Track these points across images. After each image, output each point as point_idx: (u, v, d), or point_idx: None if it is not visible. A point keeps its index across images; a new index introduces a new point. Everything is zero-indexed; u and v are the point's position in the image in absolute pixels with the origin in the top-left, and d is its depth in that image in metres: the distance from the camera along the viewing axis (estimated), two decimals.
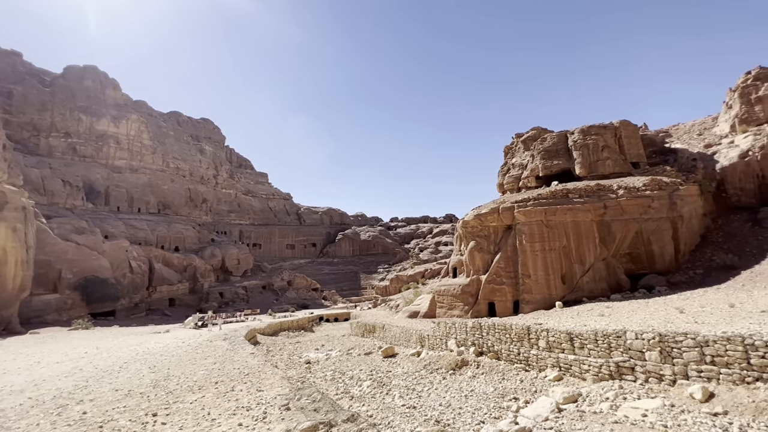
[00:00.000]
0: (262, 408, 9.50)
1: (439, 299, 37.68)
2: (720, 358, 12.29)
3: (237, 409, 9.72)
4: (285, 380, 12.32)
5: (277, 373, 13.54)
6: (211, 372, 14.54)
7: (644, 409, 11.85)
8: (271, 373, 13.57)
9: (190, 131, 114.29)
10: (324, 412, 7.96)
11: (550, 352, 17.45)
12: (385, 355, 27.16)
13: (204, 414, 9.65)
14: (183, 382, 12.87)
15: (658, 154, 42.76)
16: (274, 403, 9.67)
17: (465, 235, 37.58)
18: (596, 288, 30.36)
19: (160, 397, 11.24)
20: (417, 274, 70.39)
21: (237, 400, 10.44)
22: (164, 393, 11.63)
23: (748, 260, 26.81)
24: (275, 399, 9.99)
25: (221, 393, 11.42)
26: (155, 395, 11.41)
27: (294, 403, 9.23)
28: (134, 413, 9.75)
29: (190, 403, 10.42)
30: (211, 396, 11.09)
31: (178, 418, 9.27)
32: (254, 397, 10.55)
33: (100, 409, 10.06)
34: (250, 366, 15.33)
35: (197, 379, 13.25)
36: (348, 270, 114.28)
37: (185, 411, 9.79)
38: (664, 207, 30.86)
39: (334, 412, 8.02)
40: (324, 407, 8.43)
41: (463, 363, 20.39)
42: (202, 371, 14.72)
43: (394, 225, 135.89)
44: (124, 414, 9.70)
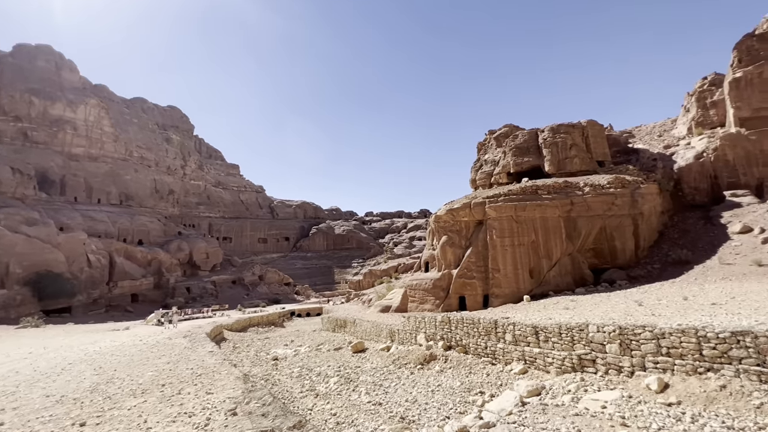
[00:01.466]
0: (206, 413, 8.84)
1: (411, 293, 37.65)
2: (675, 350, 12.67)
3: (179, 415, 9.03)
4: (240, 381, 11.66)
5: (233, 373, 12.85)
6: (161, 373, 13.63)
7: (604, 401, 12.04)
8: (227, 373, 12.85)
9: (156, 119, 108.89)
10: (272, 418, 7.47)
11: (516, 346, 17.61)
12: (354, 350, 26.81)
13: (140, 422, 8.96)
14: (126, 386, 11.95)
15: (622, 153, 44.38)
16: (221, 407, 9.04)
17: (437, 230, 37.66)
18: (562, 282, 31.14)
19: (96, 403, 10.31)
20: (390, 269, 70.36)
21: (181, 405, 9.70)
22: (101, 398, 10.70)
23: (701, 255, 28.24)
24: (223, 403, 9.36)
25: (166, 397, 10.62)
26: (90, 401, 10.46)
27: (242, 407, 8.66)
28: (60, 423, 8.83)
29: (127, 410, 9.60)
30: (153, 401, 10.27)
31: (109, 427, 8.46)
32: (201, 401, 9.86)
33: (22, 419, 9.07)
34: (206, 366, 14.52)
35: (143, 382, 12.35)
36: (322, 264, 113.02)
37: (119, 419, 8.97)
38: (626, 204, 32.00)
39: (283, 416, 7.55)
40: (273, 411, 7.93)
41: (431, 357, 20.33)
42: (151, 372, 13.78)
43: (369, 219, 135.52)
44: (47, 425, 8.75)
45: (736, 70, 35.26)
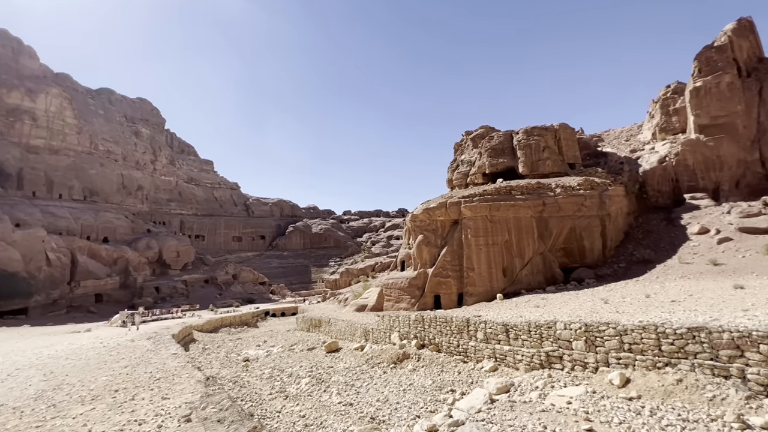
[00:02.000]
0: (158, 420, 8.35)
1: (387, 292, 37.60)
2: (636, 346, 13.11)
3: (128, 423, 8.48)
4: (200, 384, 11.17)
5: (195, 376, 12.31)
6: (116, 377, 12.87)
7: (569, 397, 12.31)
8: (188, 377, 12.30)
9: (124, 111, 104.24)
10: (227, 424, 7.14)
11: (487, 344, 17.82)
12: (328, 350, 26.48)
13: None
14: (75, 392, 11.20)
15: (592, 156, 45.91)
16: (175, 413, 8.58)
17: (413, 229, 37.75)
18: (534, 281, 31.86)
19: (38, 412, 9.55)
20: (367, 268, 70.20)
21: (133, 412, 9.12)
22: (45, 406, 9.92)
23: (662, 255, 29.56)
24: (179, 409, 8.89)
25: (117, 403, 9.96)
26: (32, 410, 9.68)
27: (198, 413, 8.26)
28: None
29: (72, 419, 8.92)
30: (103, 408, 9.60)
31: None
32: (155, 407, 9.33)
33: None
34: (167, 368, 13.87)
35: (95, 387, 11.62)
36: (298, 263, 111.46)
37: (61, 429, 8.30)
38: (595, 205, 33.09)
39: (239, 422, 7.23)
40: (230, 417, 7.59)
41: (404, 356, 20.30)
42: (106, 377, 13.01)
43: (346, 218, 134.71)
44: None
45: (697, 79, 37.12)
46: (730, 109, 35.30)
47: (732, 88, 35.43)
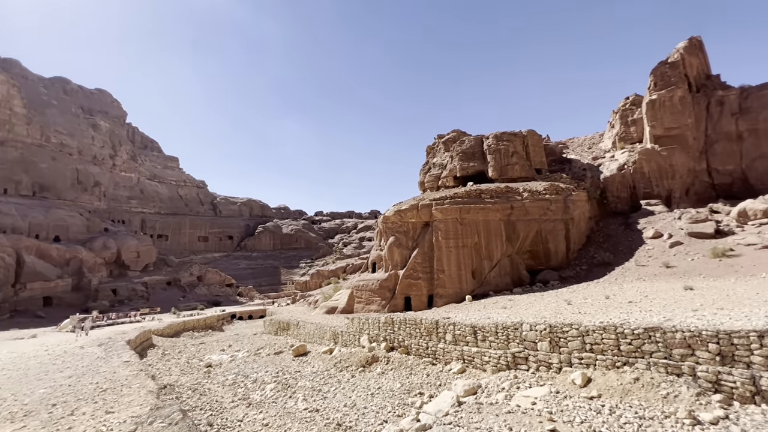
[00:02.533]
0: None
1: (358, 294, 37.26)
2: (597, 346, 13.53)
3: None
4: (152, 395, 10.42)
5: (147, 386, 11.48)
6: (56, 390, 11.80)
7: (534, 398, 12.51)
8: (139, 387, 11.45)
9: (80, 102, 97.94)
10: None
11: (456, 345, 17.90)
12: (296, 353, 25.80)
13: None
14: (6, 407, 10.11)
15: (557, 162, 47.65)
16: (119, 429, 7.90)
17: (385, 231, 37.65)
18: (501, 282, 32.55)
19: None
20: (338, 269, 69.47)
21: (69, 430, 8.31)
22: None
23: (621, 258, 31.02)
24: (123, 424, 8.20)
25: (53, 420, 9.01)
26: None
27: (144, 428, 7.65)
28: None
29: None
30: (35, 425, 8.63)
31: None
32: (96, 423, 8.55)
33: None
34: (117, 378, 12.89)
35: (30, 402, 10.57)
36: (267, 265, 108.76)
37: None
38: (559, 210, 34.28)
39: None
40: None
41: (373, 359, 20.06)
42: (45, 389, 11.90)
43: (318, 219, 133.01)
44: None
45: (652, 92, 39.39)
46: (681, 122, 37.68)
47: (683, 102, 37.85)
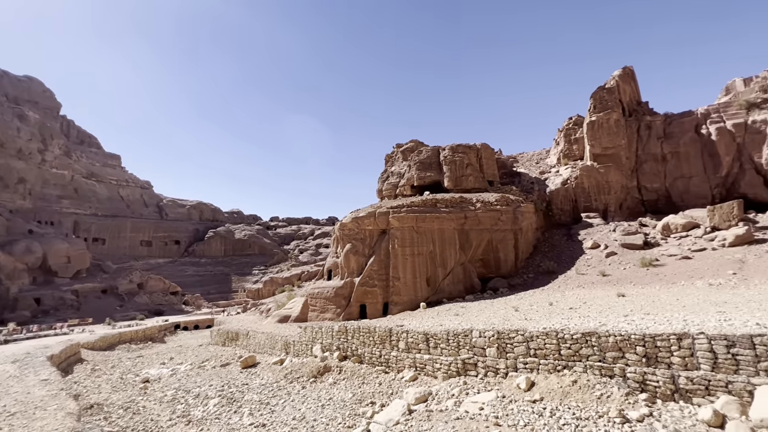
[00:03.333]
0: None
1: (312, 302, 36.47)
2: (540, 351, 14.22)
3: None
4: (71, 417, 9.37)
5: (66, 407, 10.28)
6: None
7: (482, 403, 12.86)
8: (56, 409, 10.24)
9: (5, 89, 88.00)
10: None
11: (408, 353, 18.01)
12: (244, 365, 24.61)
13: None
14: None
15: (508, 175, 50.16)
16: None
17: (342, 238, 37.32)
18: (455, 290, 33.40)
19: None
20: (293, 277, 67.67)
21: None
22: None
23: (564, 266, 33.10)
24: None
25: None
26: None
27: None
28: None
29: None
30: None
31: None
32: None
33: None
34: (30, 400, 11.45)
35: None
36: (218, 271, 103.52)
37: None
38: (509, 220, 35.98)
39: None
40: None
41: (325, 369, 19.64)
42: None
43: (274, 224, 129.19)
44: None
45: (592, 114, 42.88)
46: (616, 143, 41.29)
47: (618, 124, 41.56)
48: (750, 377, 10.10)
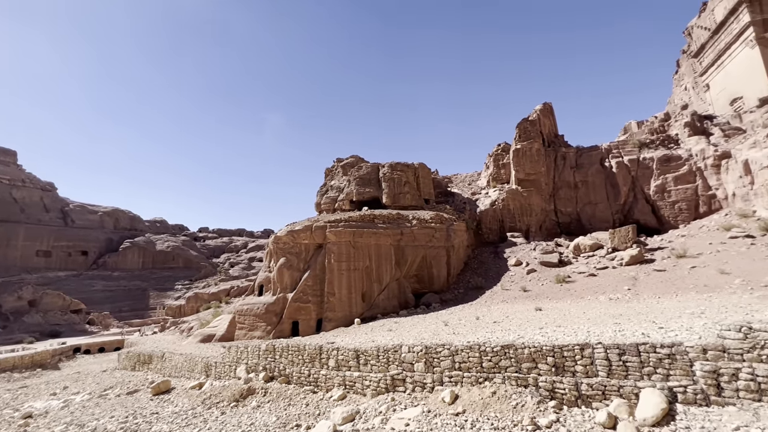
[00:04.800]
0: None
1: (240, 320, 34.32)
2: (465, 364, 14.80)
3: None
4: None
5: None
6: None
7: (408, 419, 12.93)
8: None
9: None
10: None
11: (338, 371, 17.62)
12: (155, 391, 22.14)
13: None
14: None
15: (443, 194, 52.60)
16: None
17: (276, 251, 35.93)
18: (389, 305, 33.70)
19: None
20: (221, 292, 63.24)
21: None
22: None
23: (491, 282, 35.19)
24: None
25: None
26: None
27: None
28: None
29: None
30: None
31: None
32: None
33: None
34: None
35: None
36: (133, 286, 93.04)
37: None
38: (443, 237, 37.54)
39: None
40: None
41: (249, 392, 18.40)
42: None
43: (202, 236, 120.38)
44: None
45: (517, 143, 47.02)
46: (537, 169, 45.57)
47: (539, 153, 46.00)
48: (637, 381, 11.48)
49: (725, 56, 45.49)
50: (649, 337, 12.39)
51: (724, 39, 45.22)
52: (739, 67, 43.47)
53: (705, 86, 49.89)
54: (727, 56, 45.25)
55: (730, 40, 44.03)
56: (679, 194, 38.95)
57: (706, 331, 12.07)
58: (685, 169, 39.02)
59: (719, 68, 46.85)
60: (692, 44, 52.38)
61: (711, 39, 47.35)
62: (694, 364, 10.83)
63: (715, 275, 23.98)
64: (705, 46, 48.71)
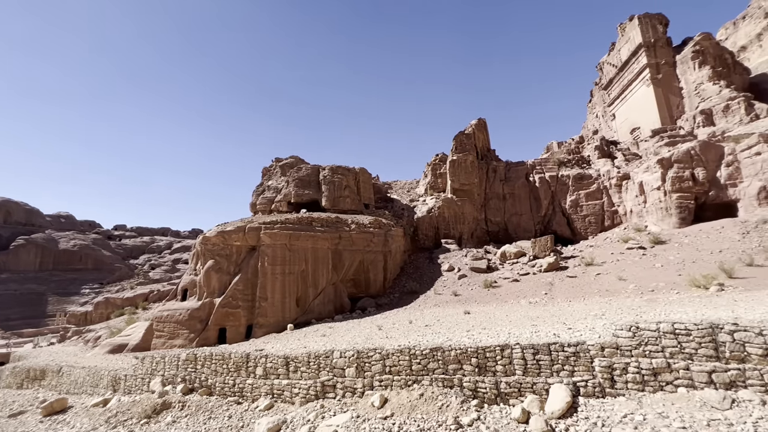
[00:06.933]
0: None
1: (159, 327, 31.36)
2: (395, 368, 15.02)
3: None
4: None
5: None
6: None
7: (336, 425, 12.76)
8: None
9: None
10: None
11: (266, 380, 16.87)
12: (47, 412, 19.28)
13: None
14: None
15: (383, 200, 53.39)
16: None
17: (204, 253, 33.51)
18: (324, 310, 33.15)
19: None
20: (138, 297, 57.32)
21: None
22: None
23: (425, 287, 36.36)
24: None
25: None
26: None
27: None
28: None
29: None
30: None
31: None
32: None
33: None
34: None
35: None
36: (26, 290, 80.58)
37: None
38: (380, 242, 37.99)
39: None
40: None
41: (164, 406, 16.81)
42: None
43: (118, 234, 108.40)
44: None
45: (454, 154, 49.49)
46: (471, 180, 48.31)
47: (473, 165, 48.83)
48: (548, 378, 12.57)
49: (628, 91, 52.51)
50: (559, 337, 13.67)
51: (627, 76, 52.19)
52: (638, 102, 50.42)
53: (612, 115, 57.03)
54: (629, 91, 52.25)
55: (632, 77, 50.96)
56: (589, 209, 43.85)
57: (605, 330, 13.65)
58: (595, 187, 44.09)
59: (623, 101, 53.91)
60: (603, 78, 59.66)
61: (617, 75, 54.36)
62: (594, 360, 12.18)
63: (615, 281, 27.31)
64: (613, 80, 55.77)
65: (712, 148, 34.25)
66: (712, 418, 9.14)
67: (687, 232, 32.00)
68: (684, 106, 45.86)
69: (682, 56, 46.53)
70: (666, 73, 46.98)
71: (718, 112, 40.21)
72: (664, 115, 46.33)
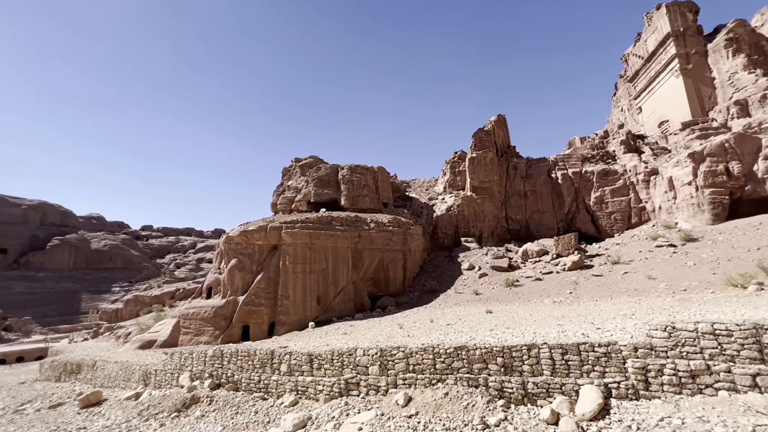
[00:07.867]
0: None
1: (186, 324, 32.28)
2: (419, 366, 14.96)
3: None
4: None
5: None
6: None
7: (361, 423, 12.81)
8: None
9: None
10: None
11: (290, 376, 17.10)
12: (84, 404, 20.15)
13: None
14: None
15: (401, 199, 53.27)
16: None
17: (227, 252, 34.29)
18: (345, 308, 33.37)
19: None
20: (165, 295, 59.18)
21: None
22: None
23: (445, 286, 36.07)
24: None
25: None
26: None
27: None
28: None
29: None
30: None
31: None
32: None
33: None
34: None
35: None
36: (62, 288, 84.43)
37: None
38: (400, 241, 37.92)
39: None
40: None
41: (193, 401, 17.29)
42: None
43: (146, 234, 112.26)
44: None
45: (473, 151, 48.85)
46: (491, 178, 47.59)
47: (493, 162, 48.08)
48: (577, 379, 12.24)
49: (655, 83, 50.53)
50: (588, 337, 13.28)
51: (654, 67, 50.23)
52: (666, 94, 48.47)
53: (638, 108, 55.04)
54: (656, 83, 50.29)
55: (660, 68, 49.01)
56: (614, 206, 42.48)
57: (637, 330, 13.18)
58: (620, 182, 42.67)
59: (650, 93, 51.93)
60: (628, 70, 57.62)
61: (644, 66, 52.40)
62: (627, 361, 11.77)
63: (644, 280, 26.36)
64: (639, 72, 53.79)
65: (749, 140, 32.58)
66: (758, 424, 8.68)
67: (721, 228, 30.56)
68: (716, 98, 43.79)
69: (714, 45, 44.43)
70: (696, 63, 44.97)
71: (755, 103, 38.18)
72: (695, 106, 44.37)
